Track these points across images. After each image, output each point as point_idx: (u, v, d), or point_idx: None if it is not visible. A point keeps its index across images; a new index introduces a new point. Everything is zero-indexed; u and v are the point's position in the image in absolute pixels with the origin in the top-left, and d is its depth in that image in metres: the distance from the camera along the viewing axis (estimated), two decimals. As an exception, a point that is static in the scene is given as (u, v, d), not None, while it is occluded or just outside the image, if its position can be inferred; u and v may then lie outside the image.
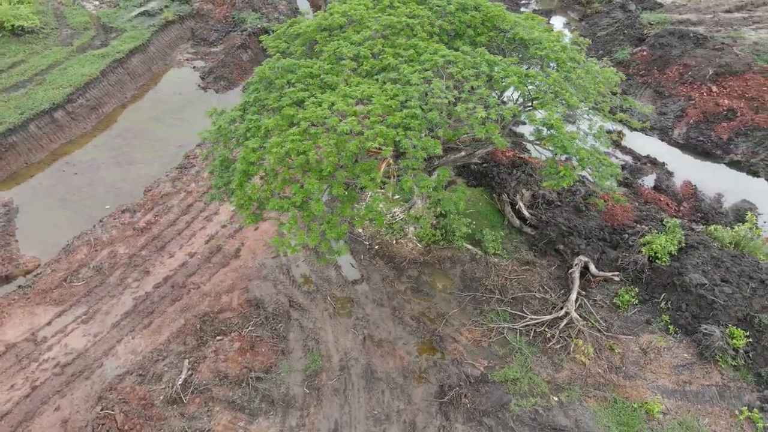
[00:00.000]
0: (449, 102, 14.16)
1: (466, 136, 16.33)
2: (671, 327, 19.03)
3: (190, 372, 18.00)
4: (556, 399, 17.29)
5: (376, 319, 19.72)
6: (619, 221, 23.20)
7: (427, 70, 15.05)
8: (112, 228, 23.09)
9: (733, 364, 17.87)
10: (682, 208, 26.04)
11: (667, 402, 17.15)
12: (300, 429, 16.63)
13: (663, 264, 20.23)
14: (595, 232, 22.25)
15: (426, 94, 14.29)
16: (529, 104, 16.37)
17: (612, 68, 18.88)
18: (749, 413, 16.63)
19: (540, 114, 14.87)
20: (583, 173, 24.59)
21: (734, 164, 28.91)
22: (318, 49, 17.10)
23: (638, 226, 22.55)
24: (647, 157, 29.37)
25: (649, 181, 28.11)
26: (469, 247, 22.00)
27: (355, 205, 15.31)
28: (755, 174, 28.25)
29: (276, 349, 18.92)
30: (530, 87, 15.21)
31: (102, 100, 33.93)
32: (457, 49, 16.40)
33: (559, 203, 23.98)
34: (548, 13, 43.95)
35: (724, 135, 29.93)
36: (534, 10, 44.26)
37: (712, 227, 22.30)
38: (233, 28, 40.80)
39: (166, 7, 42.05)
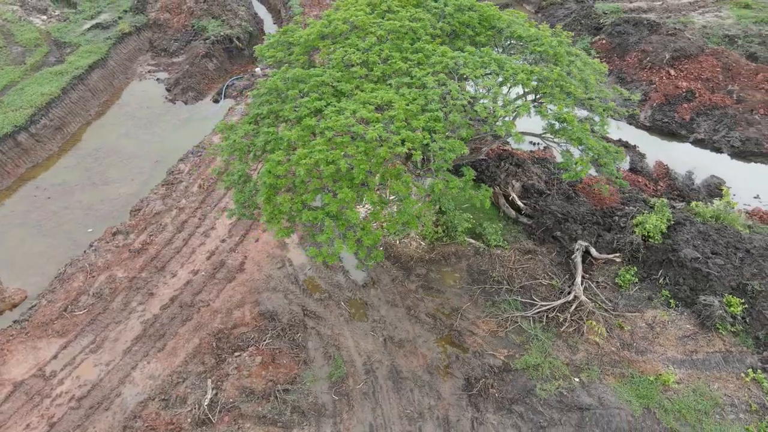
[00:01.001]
0: (467, 103, 14.52)
1: (481, 134, 16.75)
2: (672, 301, 20.16)
3: (215, 391, 17.72)
4: (577, 380, 18.03)
5: (392, 319, 19.95)
6: (608, 204, 24.28)
7: (438, 72, 15.36)
8: (107, 252, 22.31)
9: (732, 330, 19.12)
10: (659, 187, 27.45)
11: (678, 372, 18.20)
12: (337, 436, 16.71)
13: (656, 242, 21.34)
14: (587, 216, 23.20)
15: (444, 97, 14.61)
16: (533, 98, 16.96)
17: (597, 59, 19.78)
18: (754, 375, 17.87)
19: (551, 108, 15.46)
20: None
21: (699, 142, 30.65)
22: (322, 57, 17.10)
23: (626, 207, 23.66)
24: (619, 140, 30.72)
25: (623, 164, 29.46)
26: (472, 241, 22.52)
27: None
28: (718, 150, 30.04)
29: (297, 360, 18.86)
30: (536, 83, 15.79)
31: (66, 120, 32.56)
32: (461, 50, 16.79)
33: (548, 192, 24.85)
34: (504, 7, 45.00)
35: (686, 115, 31.67)
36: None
37: (693, 204, 23.68)
38: (194, 37, 39.87)
39: (120, 18, 40.68)
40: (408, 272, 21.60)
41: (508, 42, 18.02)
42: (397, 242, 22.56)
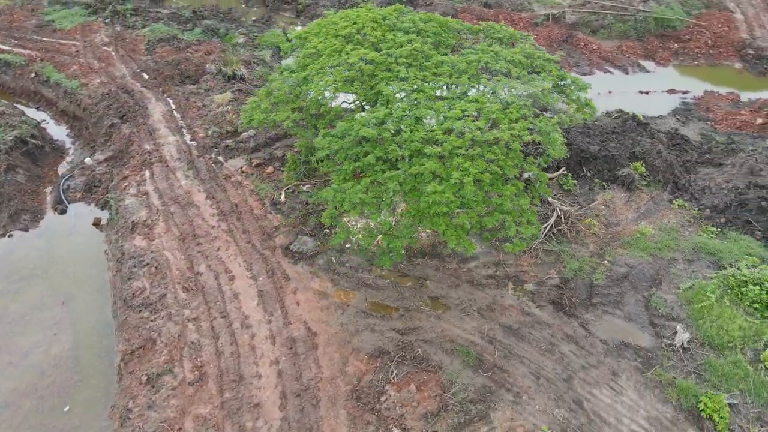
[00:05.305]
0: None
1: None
2: (603, 184, 27.48)
3: (408, 434, 18.17)
4: (606, 262, 23.90)
5: (466, 296, 22.57)
6: (508, 142, 30.34)
7: (475, 75, 18.27)
8: (168, 399, 19.02)
9: (644, 184, 27.39)
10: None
11: (644, 223, 25.63)
12: (520, 395, 19.24)
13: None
14: (510, 155, 28.86)
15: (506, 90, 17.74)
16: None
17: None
18: (677, 203, 26.40)
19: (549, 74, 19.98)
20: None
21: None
22: (360, 97, 18.00)
23: (522, 138, 30.04)
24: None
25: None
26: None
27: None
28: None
29: (432, 369, 20.24)
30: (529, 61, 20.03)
31: None
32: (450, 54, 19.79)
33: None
34: (267, 21, 46.69)
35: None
36: (254, 21, 46.41)
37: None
38: (-38, 155, 31.53)
39: None
40: (438, 258, 24.17)
41: (466, 38, 21.52)
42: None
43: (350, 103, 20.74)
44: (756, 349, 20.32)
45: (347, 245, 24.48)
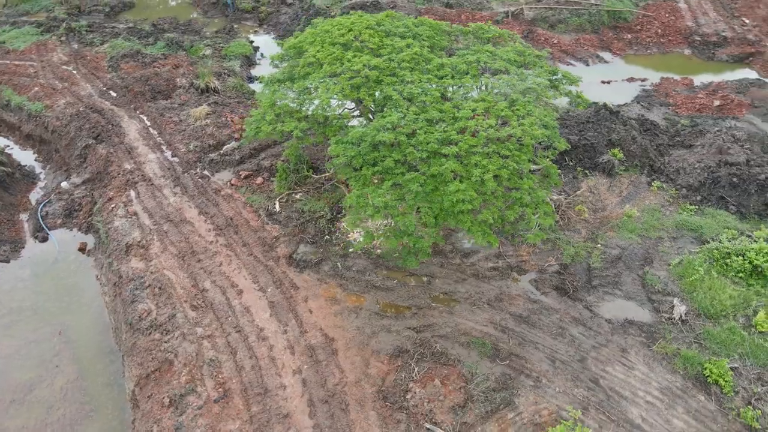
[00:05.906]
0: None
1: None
2: (586, 171, 28.72)
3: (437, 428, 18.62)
4: (599, 245, 25.05)
5: (474, 289, 23.20)
6: (490, 138, 31.26)
7: (476, 75, 18.90)
8: (195, 419, 18.76)
9: (623, 169, 28.79)
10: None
11: (629, 207, 26.98)
12: (539, 380, 20.01)
13: (548, 143, 29.38)
14: (495, 150, 29.76)
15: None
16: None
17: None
18: (655, 185, 27.90)
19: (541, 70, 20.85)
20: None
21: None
22: (367, 104, 18.29)
23: (503, 133, 31.02)
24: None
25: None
26: (453, 207, 26.69)
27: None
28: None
29: (451, 363, 20.76)
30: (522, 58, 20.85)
31: None
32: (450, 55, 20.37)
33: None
34: (230, 31, 46.09)
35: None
36: (216, 31, 45.79)
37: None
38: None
39: None
40: (441, 254, 24.72)
41: (456, 39, 22.10)
42: (409, 240, 25.11)
43: (351, 110, 21.01)
44: (747, 315, 21.82)
45: (350, 249, 24.72)
